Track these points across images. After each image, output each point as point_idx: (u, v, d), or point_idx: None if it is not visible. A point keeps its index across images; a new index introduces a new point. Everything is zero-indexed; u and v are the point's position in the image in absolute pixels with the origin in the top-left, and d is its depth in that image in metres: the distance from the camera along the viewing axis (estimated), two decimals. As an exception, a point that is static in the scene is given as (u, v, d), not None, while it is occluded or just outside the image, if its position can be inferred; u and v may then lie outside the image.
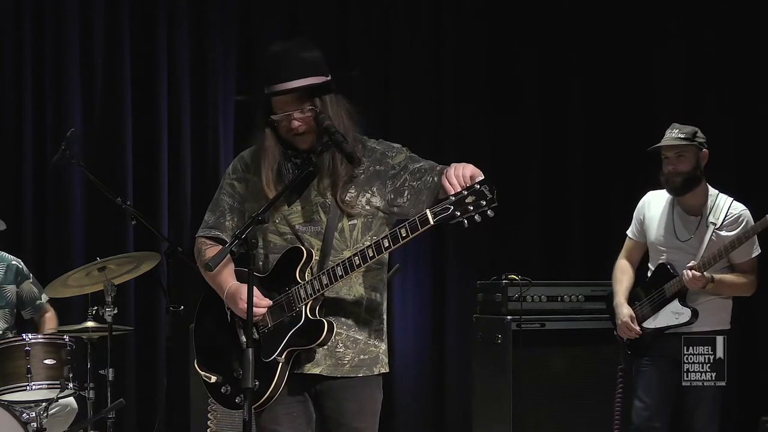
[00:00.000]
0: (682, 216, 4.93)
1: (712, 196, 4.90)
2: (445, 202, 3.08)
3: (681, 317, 4.86)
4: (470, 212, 3.05)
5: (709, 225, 4.84)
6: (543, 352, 5.89)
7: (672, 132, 4.89)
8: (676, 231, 4.93)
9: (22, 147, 6.54)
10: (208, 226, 3.53)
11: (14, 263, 5.51)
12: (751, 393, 6.75)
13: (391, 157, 3.44)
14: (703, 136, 4.90)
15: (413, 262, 7.13)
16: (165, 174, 6.76)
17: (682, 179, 4.86)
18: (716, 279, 4.78)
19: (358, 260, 3.25)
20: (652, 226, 5.02)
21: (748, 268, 4.88)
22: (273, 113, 3.37)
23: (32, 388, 4.95)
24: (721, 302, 4.92)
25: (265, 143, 3.40)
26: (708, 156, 4.88)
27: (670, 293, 4.88)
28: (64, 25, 6.62)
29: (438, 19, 7.49)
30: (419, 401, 7.28)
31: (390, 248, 3.21)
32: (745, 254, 4.85)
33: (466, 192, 3.06)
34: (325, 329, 3.30)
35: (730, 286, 4.86)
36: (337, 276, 3.27)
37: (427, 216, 3.11)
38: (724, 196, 4.91)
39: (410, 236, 3.16)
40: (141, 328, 6.49)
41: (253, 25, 7.07)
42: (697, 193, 4.89)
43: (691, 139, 4.85)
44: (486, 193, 3.05)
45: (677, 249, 4.90)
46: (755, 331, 6.75)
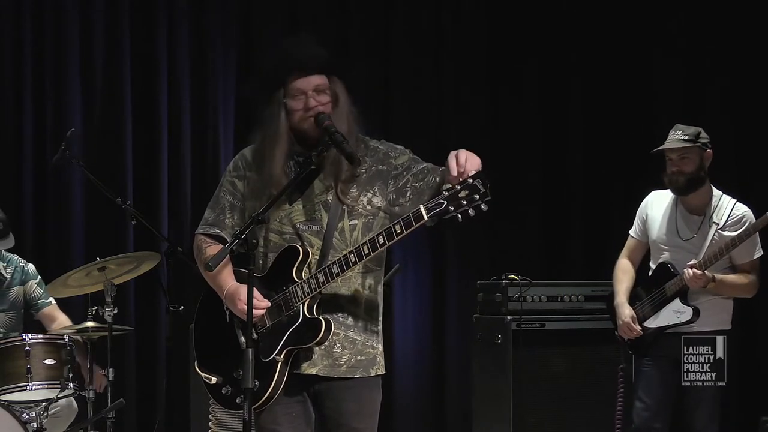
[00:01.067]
0: (685, 215, 4.93)
1: (716, 197, 4.90)
2: (439, 198, 3.09)
3: (682, 316, 4.86)
4: (464, 207, 3.05)
5: (712, 225, 4.83)
6: (543, 352, 5.89)
7: (675, 133, 4.90)
8: (679, 230, 4.93)
9: (22, 147, 6.54)
10: (207, 224, 3.53)
11: (21, 264, 5.52)
12: (751, 393, 6.75)
13: (394, 158, 3.45)
14: (706, 136, 4.90)
15: (413, 262, 7.13)
16: (165, 174, 6.75)
17: (685, 180, 4.86)
18: (717, 279, 4.77)
19: (353, 258, 3.25)
20: (654, 225, 5.01)
21: (749, 269, 4.88)
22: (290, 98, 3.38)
23: (32, 388, 4.94)
24: (722, 303, 4.92)
25: (279, 129, 3.39)
26: (712, 156, 4.89)
27: (671, 292, 4.88)
28: (64, 25, 6.62)
29: (438, 19, 7.48)
30: (419, 401, 7.28)
31: (385, 245, 3.21)
32: (746, 255, 4.85)
33: (459, 187, 3.06)
34: (323, 327, 3.30)
35: (731, 287, 4.86)
36: (334, 274, 3.27)
37: (420, 212, 3.11)
38: (727, 197, 4.91)
39: (405, 232, 3.16)
40: (141, 328, 6.49)
41: (253, 25, 7.07)
42: (700, 193, 4.89)
43: (695, 140, 4.85)
44: (479, 188, 3.05)
45: (679, 248, 4.90)
46: (755, 331, 6.76)
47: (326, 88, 3.38)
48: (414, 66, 7.38)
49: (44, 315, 5.53)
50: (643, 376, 4.99)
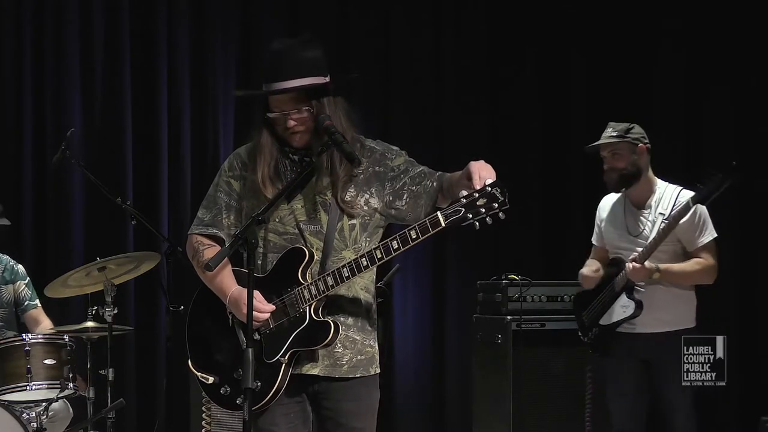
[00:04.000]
0: (633, 212, 4.93)
1: (660, 188, 4.89)
2: (457, 205, 3.08)
3: (627, 310, 4.83)
4: (482, 215, 3.05)
5: (658, 216, 4.82)
6: (543, 352, 5.89)
7: (607, 131, 4.95)
8: (629, 227, 4.93)
9: (22, 147, 6.54)
10: (203, 224, 3.50)
11: (11, 264, 5.51)
12: (751, 393, 6.74)
13: (391, 159, 3.43)
14: (641, 131, 4.91)
15: (413, 262, 7.13)
16: (165, 174, 6.76)
17: (617, 176, 4.88)
18: (662, 268, 4.74)
19: (365, 262, 3.23)
20: (608, 227, 5.04)
21: (702, 254, 4.81)
22: (270, 111, 3.36)
23: (32, 388, 4.94)
24: (680, 295, 4.85)
25: (261, 140, 3.39)
26: (647, 150, 4.88)
27: (618, 287, 4.87)
28: (64, 26, 6.62)
29: (438, 19, 7.48)
30: (419, 401, 7.27)
31: (399, 250, 3.19)
32: (694, 240, 4.80)
33: (477, 194, 3.06)
34: (332, 330, 3.29)
35: (680, 275, 4.80)
36: (344, 277, 3.26)
37: (438, 218, 3.10)
38: (672, 186, 4.88)
39: (420, 238, 3.15)
40: (141, 328, 6.49)
41: (253, 25, 7.07)
42: (641, 188, 4.88)
43: (624, 136, 4.87)
44: (498, 196, 3.06)
45: (631, 244, 4.88)
46: (755, 331, 6.75)
47: (306, 105, 3.32)
48: (414, 67, 7.38)
49: (29, 317, 5.52)
50: (612, 378, 4.98)
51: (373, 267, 3.26)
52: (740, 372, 6.48)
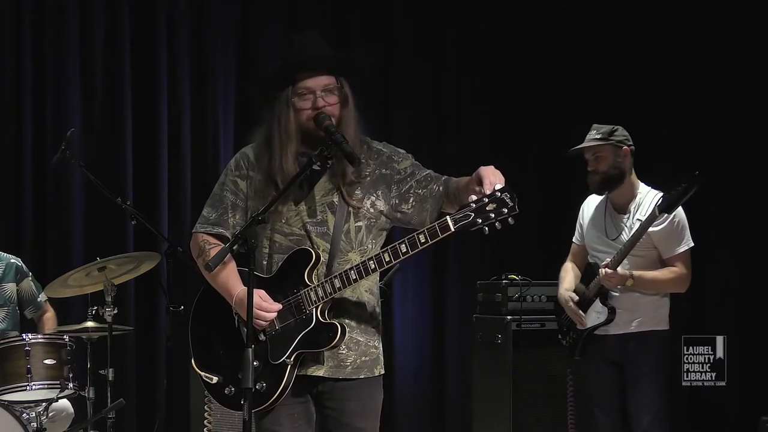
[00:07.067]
0: (613, 215, 4.92)
1: (641, 193, 4.87)
2: (466, 209, 3.08)
3: (601, 316, 4.83)
4: (491, 219, 3.07)
5: (636, 222, 4.79)
6: (543, 352, 5.89)
7: (590, 133, 4.93)
8: (607, 230, 4.92)
9: (22, 147, 6.54)
10: (209, 222, 3.47)
11: (13, 261, 5.51)
12: (751, 393, 6.74)
13: (397, 162, 3.43)
14: (624, 134, 4.89)
15: (413, 262, 7.11)
16: (165, 174, 6.76)
17: (600, 179, 4.88)
18: (636, 276, 4.72)
19: (373, 265, 3.23)
20: (589, 228, 5.03)
21: (676, 263, 4.80)
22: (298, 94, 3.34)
23: (32, 388, 4.95)
24: (653, 299, 4.84)
25: (289, 128, 3.34)
26: (630, 153, 4.86)
27: (592, 293, 4.86)
28: (64, 26, 6.62)
29: (438, 19, 7.48)
30: (419, 401, 7.28)
31: (408, 254, 3.18)
32: (669, 248, 4.79)
33: (487, 200, 3.07)
34: (339, 332, 3.29)
35: (653, 282, 4.78)
36: (351, 279, 3.26)
37: (447, 223, 3.11)
38: (654, 191, 4.85)
39: (429, 242, 3.15)
40: (141, 328, 6.49)
41: (253, 25, 7.07)
42: (622, 191, 4.87)
43: (606, 138, 4.86)
44: (507, 201, 3.07)
45: (608, 247, 4.87)
46: (755, 331, 6.75)
47: (335, 88, 3.35)
48: (414, 67, 7.38)
49: (41, 312, 5.54)
50: (590, 380, 4.99)
51: (380, 270, 3.25)
52: (740, 372, 6.49)
